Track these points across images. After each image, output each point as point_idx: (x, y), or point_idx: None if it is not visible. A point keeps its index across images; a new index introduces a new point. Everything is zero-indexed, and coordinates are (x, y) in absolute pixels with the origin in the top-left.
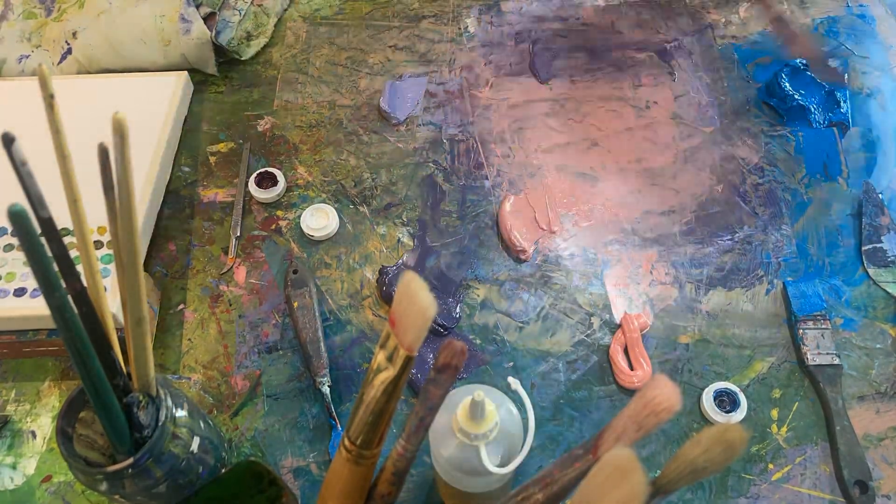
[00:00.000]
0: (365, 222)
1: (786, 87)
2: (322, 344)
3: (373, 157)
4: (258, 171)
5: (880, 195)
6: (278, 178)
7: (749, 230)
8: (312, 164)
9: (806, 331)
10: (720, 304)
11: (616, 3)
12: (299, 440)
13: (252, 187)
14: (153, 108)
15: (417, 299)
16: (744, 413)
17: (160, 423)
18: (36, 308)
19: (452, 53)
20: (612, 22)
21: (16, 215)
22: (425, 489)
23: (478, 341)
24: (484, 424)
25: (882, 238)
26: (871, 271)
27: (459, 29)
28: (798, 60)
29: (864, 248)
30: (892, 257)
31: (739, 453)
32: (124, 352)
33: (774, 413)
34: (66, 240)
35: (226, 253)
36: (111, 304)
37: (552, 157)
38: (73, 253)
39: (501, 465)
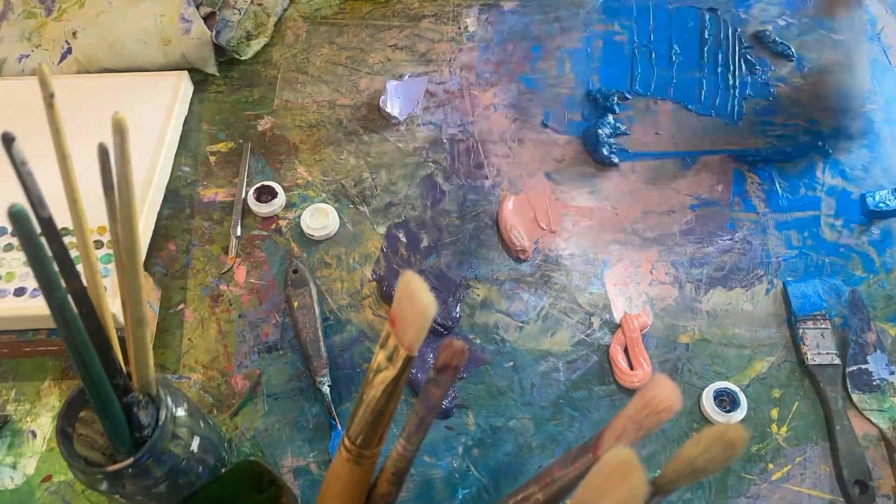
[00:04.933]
0: (365, 222)
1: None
2: (322, 344)
3: (373, 156)
4: (256, 186)
5: (869, 309)
6: (277, 192)
7: (749, 230)
8: (312, 163)
9: (806, 331)
10: (720, 304)
11: None
12: (299, 440)
13: (251, 202)
14: (153, 108)
15: (417, 299)
16: (744, 413)
17: (160, 423)
18: (36, 308)
19: (452, 53)
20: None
21: (16, 215)
22: (425, 489)
23: (478, 341)
24: None
25: (867, 358)
26: (854, 397)
27: (459, 29)
28: None
29: (848, 370)
30: (878, 381)
31: (739, 453)
32: (124, 352)
33: (774, 413)
34: (66, 240)
35: (226, 253)
36: (111, 304)
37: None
38: (73, 253)
39: None
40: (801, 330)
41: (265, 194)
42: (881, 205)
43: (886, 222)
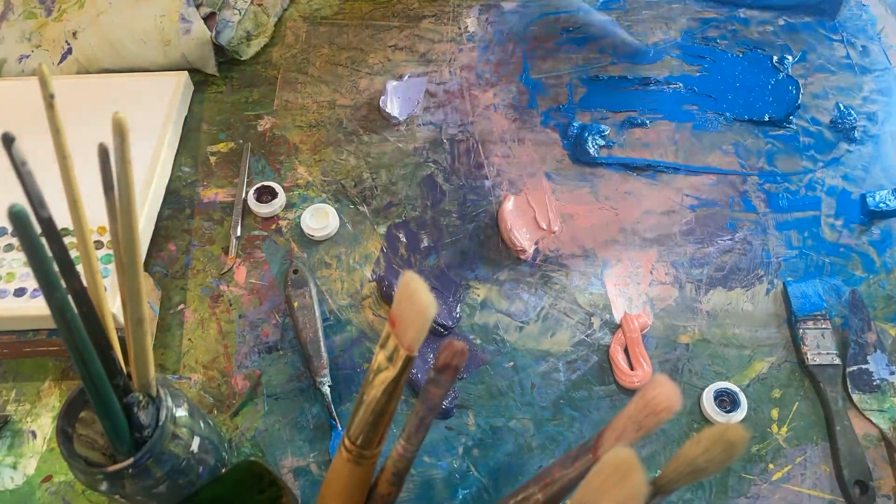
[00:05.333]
0: (365, 222)
1: None
2: (322, 344)
3: (373, 157)
4: (256, 186)
5: (869, 310)
6: (277, 192)
7: (749, 230)
8: (312, 164)
9: (806, 331)
10: (720, 304)
11: None
12: (299, 440)
13: (251, 202)
14: (153, 108)
15: (417, 299)
16: (744, 413)
17: (160, 423)
18: (36, 308)
19: (452, 53)
20: (618, 17)
21: (16, 215)
22: (425, 489)
23: (478, 341)
24: None
25: (868, 358)
26: (855, 397)
27: (459, 29)
28: None
29: (848, 370)
30: (878, 381)
31: (739, 453)
32: (124, 352)
33: (774, 413)
34: (66, 240)
35: (226, 253)
36: (111, 304)
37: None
38: (73, 253)
39: None
40: (801, 330)
41: (265, 194)
42: (881, 205)
43: (886, 222)
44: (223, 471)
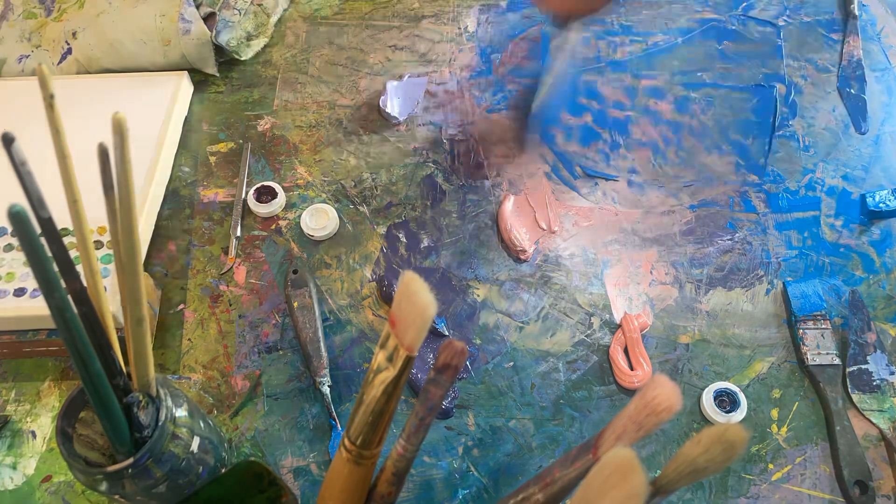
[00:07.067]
0: (365, 222)
1: None
2: (322, 344)
3: (373, 157)
4: (256, 186)
5: (869, 310)
6: (277, 192)
7: (749, 230)
8: (312, 164)
9: (806, 331)
10: (720, 304)
11: None
12: (299, 440)
13: (251, 202)
14: (153, 108)
15: (417, 299)
16: (744, 413)
17: (160, 423)
18: (36, 308)
19: (452, 53)
20: (618, 17)
21: (16, 215)
22: (425, 489)
23: (478, 341)
24: None
25: (868, 358)
26: (854, 397)
27: (459, 29)
28: None
29: (848, 370)
30: (878, 381)
31: (739, 453)
32: (124, 352)
33: (774, 413)
34: (66, 240)
35: (226, 253)
36: (111, 304)
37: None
38: (73, 253)
39: None
40: (801, 330)
41: (265, 194)
42: (881, 205)
43: (886, 222)
44: (223, 471)
